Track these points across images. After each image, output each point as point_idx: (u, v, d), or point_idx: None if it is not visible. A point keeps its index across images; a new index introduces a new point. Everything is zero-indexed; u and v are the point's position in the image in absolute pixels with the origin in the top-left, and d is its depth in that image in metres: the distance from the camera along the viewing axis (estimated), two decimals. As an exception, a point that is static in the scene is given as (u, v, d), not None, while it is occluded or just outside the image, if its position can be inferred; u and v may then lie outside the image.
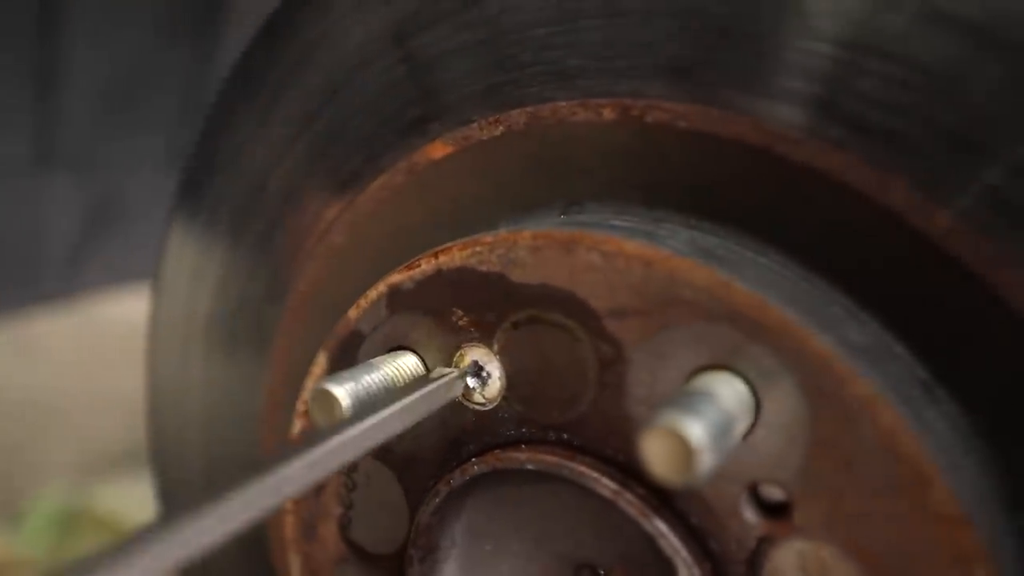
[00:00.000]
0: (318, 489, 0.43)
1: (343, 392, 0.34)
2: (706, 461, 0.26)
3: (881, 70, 0.29)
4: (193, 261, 0.51)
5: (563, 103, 0.35)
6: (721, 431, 0.27)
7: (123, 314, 1.71)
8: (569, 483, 0.34)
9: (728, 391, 0.29)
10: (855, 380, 0.28)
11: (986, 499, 0.28)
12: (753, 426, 0.30)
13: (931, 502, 0.27)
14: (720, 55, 0.32)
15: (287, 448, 0.27)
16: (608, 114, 0.34)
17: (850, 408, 0.28)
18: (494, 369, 0.35)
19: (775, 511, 0.30)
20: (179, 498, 0.56)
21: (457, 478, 0.37)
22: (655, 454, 0.26)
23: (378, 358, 0.36)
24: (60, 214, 0.87)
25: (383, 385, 0.35)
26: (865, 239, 0.30)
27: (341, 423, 0.31)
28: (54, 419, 1.65)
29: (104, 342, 1.75)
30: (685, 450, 0.26)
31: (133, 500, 1.40)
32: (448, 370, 0.36)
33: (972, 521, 0.26)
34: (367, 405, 0.34)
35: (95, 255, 0.95)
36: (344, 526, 0.42)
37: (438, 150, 0.39)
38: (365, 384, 0.35)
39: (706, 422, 0.26)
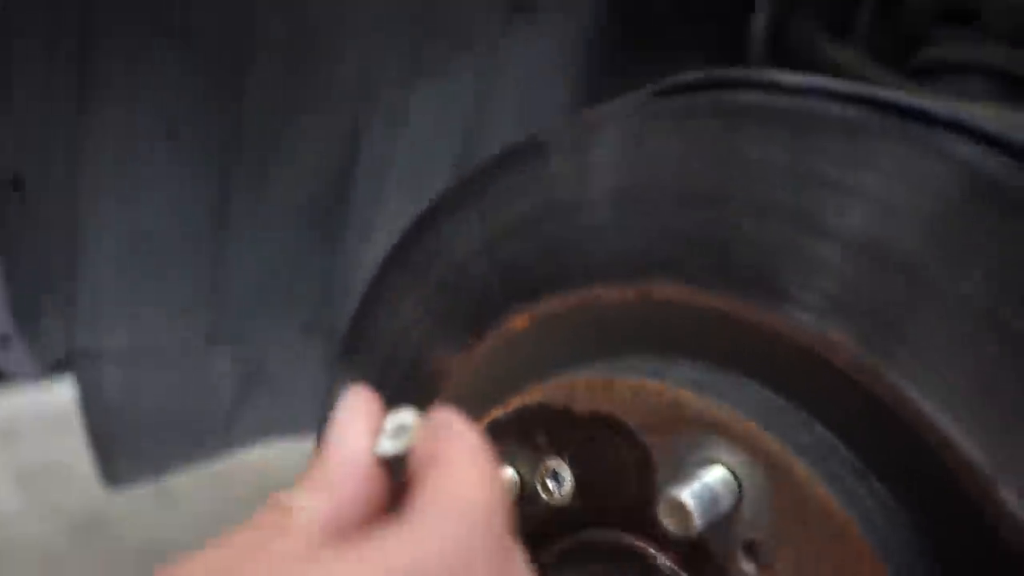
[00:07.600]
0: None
1: None
2: (697, 519, 0.41)
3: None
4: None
5: (601, 289, 0.52)
6: (709, 500, 0.42)
7: (251, 463, 1.91)
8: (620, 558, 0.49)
9: (716, 477, 0.44)
10: (798, 467, 0.42)
11: (892, 540, 0.41)
12: (739, 501, 0.44)
13: (849, 545, 0.41)
14: (690, 255, 0.49)
15: None
16: (631, 296, 0.51)
17: (797, 486, 0.42)
18: (566, 473, 0.51)
19: (762, 559, 0.44)
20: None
21: (545, 557, 0.51)
22: (665, 515, 0.41)
23: None
24: (221, 385, 1.07)
25: None
26: (813, 375, 0.45)
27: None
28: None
29: (235, 490, 1.94)
30: (684, 512, 0.41)
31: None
32: None
33: (884, 559, 0.40)
34: None
35: (246, 417, 1.13)
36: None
37: (519, 322, 0.56)
38: None
39: (697, 495, 0.42)
